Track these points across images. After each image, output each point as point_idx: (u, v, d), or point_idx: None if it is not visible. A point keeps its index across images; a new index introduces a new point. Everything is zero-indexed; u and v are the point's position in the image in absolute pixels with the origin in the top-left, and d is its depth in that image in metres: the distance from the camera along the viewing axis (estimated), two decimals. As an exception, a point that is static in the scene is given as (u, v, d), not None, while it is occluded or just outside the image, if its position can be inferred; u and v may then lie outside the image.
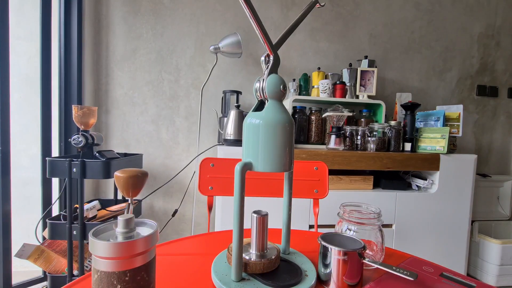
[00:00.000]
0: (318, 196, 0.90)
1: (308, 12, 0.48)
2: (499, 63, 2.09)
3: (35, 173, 1.51)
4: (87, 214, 1.23)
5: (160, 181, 1.74)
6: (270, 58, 0.42)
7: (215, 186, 0.87)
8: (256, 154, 0.41)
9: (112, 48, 1.67)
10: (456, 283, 0.44)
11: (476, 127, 2.10)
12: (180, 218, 1.78)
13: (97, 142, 1.30)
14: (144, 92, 1.71)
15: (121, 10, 1.66)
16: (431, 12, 1.97)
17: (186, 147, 1.77)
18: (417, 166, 1.47)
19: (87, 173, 1.15)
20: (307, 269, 0.45)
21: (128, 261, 0.30)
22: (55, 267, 1.27)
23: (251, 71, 1.80)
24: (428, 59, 2.00)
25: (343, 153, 1.41)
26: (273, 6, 1.81)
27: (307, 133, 1.64)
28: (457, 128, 1.61)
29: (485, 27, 2.05)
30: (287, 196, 0.50)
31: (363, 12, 1.89)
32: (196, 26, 1.74)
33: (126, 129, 1.71)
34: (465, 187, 1.52)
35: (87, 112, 1.22)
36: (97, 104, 1.67)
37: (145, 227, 0.35)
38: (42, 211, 1.42)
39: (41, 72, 1.40)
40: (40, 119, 1.42)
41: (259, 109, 0.44)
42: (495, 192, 2.02)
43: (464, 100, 2.06)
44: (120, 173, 0.46)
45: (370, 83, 1.62)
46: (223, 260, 0.48)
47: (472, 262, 1.77)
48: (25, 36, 1.55)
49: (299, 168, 0.91)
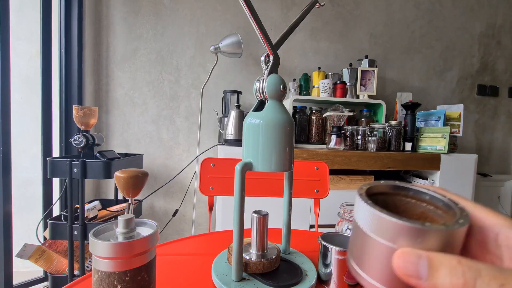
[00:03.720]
0: (318, 196, 0.90)
1: (308, 11, 0.48)
2: (499, 63, 2.09)
3: (35, 174, 1.52)
4: (88, 214, 1.23)
5: (160, 181, 1.74)
6: (270, 58, 0.42)
7: (215, 186, 0.87)
8: (256, 154, 0.41)
9: (112, 48, 1.67)
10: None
11: (477, 127, 2.09)
12: (180, 218, 1.78)
13: (97, 142, 1.31)
14: (145, 92, 1.72)
15: (121, 11, 1.66)
16: (431, 11, 1.97)
17: (187, 147, 1.77)
18: (417, 166, 1.47)
19: (88, 173, 1.16)
20: (307, 269, 0.45)
21: (128, 261, 0.30)
22: (56, 267, 1.28)
23: (251, 71, 1.80)
24: (428, 58, 1.99)
25: (343, 153, 1.41)
26: (273, 6, 1.80)
27: (307, 133, 1.64)
28: (458, 127, 1.60)
29: (485, 27, 2.04)
30: (287, 196, 0.50)
31: (363, 12, 1.89)
32: (196, 26, 1.74)
33: (127, 129, 1.71)
34: (465, 186, 1.52)
35: (87, 112, 1.23)
36: (97, 105, 1.67)
37: (145, 227, 0.35)
38: (43, 212, 1.42)
39: (42, 73, 1.40)
40: (40, 120, 1.42)
41: (259, 109, 0.44)
42: (496, 192, 2.01)
43: (465, 99, 2.06)
44: (120, 173, 0.46)
45: (370, 82, 1.62)
46: (224, 260, 0.48)
47: (473, 261, 1.76)
48: (26, 37, 1.55)
49: (300, 168, 0.91)
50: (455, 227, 0.15)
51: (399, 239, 0.16)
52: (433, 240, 0.15)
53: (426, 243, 0.15)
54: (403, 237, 0.16)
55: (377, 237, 0.17)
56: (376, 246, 0.17)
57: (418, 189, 0.20)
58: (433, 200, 0.19)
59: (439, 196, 0.19)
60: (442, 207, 0.19)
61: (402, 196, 0.20)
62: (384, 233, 0.16)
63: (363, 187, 0.19)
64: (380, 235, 0.17)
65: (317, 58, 1.87)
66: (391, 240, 0.16)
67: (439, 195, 0.19)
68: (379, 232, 0.17)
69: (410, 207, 0.20)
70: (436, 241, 0.15)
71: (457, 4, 1.99)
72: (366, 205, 0.17)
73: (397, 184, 0.20)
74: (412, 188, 0.20)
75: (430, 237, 0.15)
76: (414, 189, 0.20)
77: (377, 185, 0.20)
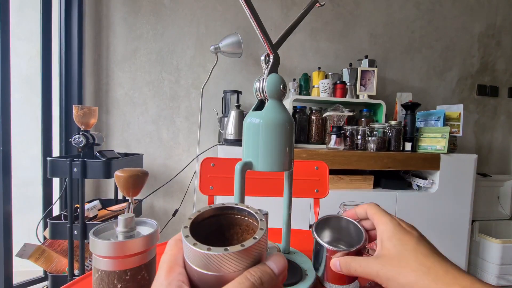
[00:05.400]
0: (318, 196, 0.90)
1: (308, 11, 0.48)
2: (499, 63, 2.09)
3: (35, 173, 1.51)
4: (88, 214, 1.23)
5: (160, 181, 1.74)
6: (270, 57, 0.42)
7: (215, 186, 0.87)
8: (256, 153, 0.41)
9: (112, 48, 1.67)
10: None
11: (477, 127, 2.09)
12: (180, 218, 1.78)
13: (97, 142, 1.31)
14: (145, 92, 1.72)
15: (121, 11, 1.67)
16: (431, 11, 1.97)
17: (187, 147, 1.77)
18: (417, 166, 1.47)
19: (88, 173, 1.16)
20: (307, 268, 0.45)
21: (128, 260, 0.30)
22: (56, 267, 1.28)
23: (251, 71, 1.80)
24: (428, 58, 2.00)
25: (343, 152, 1.41)
26: (273, 6, 1.81)
27: (307, 133, 1.64)
28: (458, 127, 1.60)
29: (485, 27, 2.04)
30: (287, 196, 0.50)
31: (363, 12, 1.89)
32: (196, 26, 1.74)
33: (127, 129, 1.71)
34: (465, 186, 1.52)
35: (87, 112, 1.23)
36: (97, 104, 1.67)
37: (145, 227, 0.35)
38: (43, 211, 1.42)
39: (42, 73, 1.40)
40: (40, 119, 1.42)
41: (259, 109, 0.44)
42: (496, 192, 2.01)
43: (465, 99, 2.06)
44: (120, 172, 0.46)
45: (370, 82, 1.62)
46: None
47: (472, 261, 1.77)
48: (26, 37, 1.55)
49: (300, 168, 0.91)
50: (250, 244, 0.18)
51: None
52: (240, 259, 0.18)
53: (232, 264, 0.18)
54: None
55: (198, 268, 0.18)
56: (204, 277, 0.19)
57: (239, 207, 0.23)
58: (249, 215, 0.23)
59: (251, 210, 0.22)
60: (255, 220, 0.22)
61: (230, 214, 0.23)
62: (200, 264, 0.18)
63: (191, 216, 0.22)
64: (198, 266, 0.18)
65: (317, 58, 1.87)
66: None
67: (251, 210, 0.22)
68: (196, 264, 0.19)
69: (239, 222, 0.23)
70: (244, 259, 0.18)
71: (457, 4, 1.99)
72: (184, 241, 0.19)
73: (225, 205, 0.23)
74: (235, 207, 0.23)
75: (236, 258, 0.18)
76: (237, 207, 0.23)
77: (206, 210, 0.23)
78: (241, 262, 0.18)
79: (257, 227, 0.21)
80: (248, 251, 0.18)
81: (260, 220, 0.21)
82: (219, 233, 0.23)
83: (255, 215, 0.22)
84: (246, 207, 0.23)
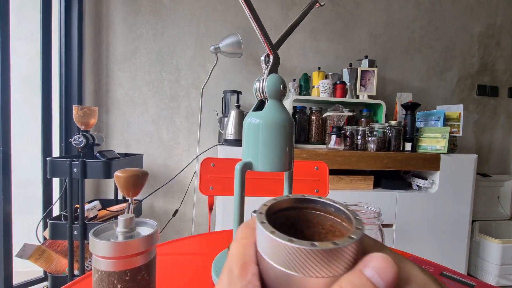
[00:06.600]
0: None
1: (308, 11, 0.48)
2: (499, 63, 2.09)
3: (35, 173, 1.51)
4: (88, 214, 1.23)
5: (160, 181, 1.74)
6: (270, 57, 0.42)
7: (215, 186, 0.87)
8: (256, 153, 0.41)
9: (112, 48, 1.67)
10: (457, 283, 0.44)
11: (477, 127, 2.09)
12: (180, 218, 1.78)
13: (97, 142, 1.31)
14: (145, 92, 1.72)
15: (121, 10, 1.66)
16: (431, 11, 1.97)
17: (187, 147, 1.77)
18: (417, 166, 1.47)
19: (88, 173, 1.16)
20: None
21: (128, 260, 0.30)
22: (56, 267, 1.28)
23: (251, 71, 1.80)
24: (428, 58, 2.00)
25: (343, 153, 1.41)
26: (273, 6, 1.81)
27: (307, 133, 1.64)
28: (458, 127, 1.60)
29: (485, 27, 2.04)
30: (287, 196, 0.50)
31: (363, 12, 1.89)
32: (196, 26, 1.74)
33: (127, 129, 1.71)
34: (465, 186, 1.52)
35: (87, 112, 1.23)
36: (97, 104, 1.67)
37: (145, 227, 0.35)
38: (42, 211, 1.42)
39: (42, 73, 1.40)
40: (40, 120, 1.42)
41: (259, 109, 0.44)
42: (496, 192, 2.01)
43: (465, 99, 2.06)
44: (120, 172, 0.46)
45: (370, 83, 1.62)
46: (224, 259, 0.48)
47: (472, 261, 1.77)
48: (26, 37, 1.55)
49: (300, 168, 0.91)
50: (345, 244, 0.14)
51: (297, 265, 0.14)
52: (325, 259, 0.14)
53: (331, 263, 0.14)
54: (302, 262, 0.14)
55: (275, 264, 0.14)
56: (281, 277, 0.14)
57: (324, 201, 0.19)
58: (337, 211, 0.18)
59: (341, 207, 0.18)
60: (345, 219, 0.18)
61: (311, 209, 0.19)
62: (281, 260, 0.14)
63: (267, 203, 0.18)
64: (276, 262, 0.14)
65: (317, 58, 1.87)
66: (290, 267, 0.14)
67: (341, 206, 0.18)
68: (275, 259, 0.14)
69: (321, 220, 0.19)
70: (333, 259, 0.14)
71: (457, 4, 1.99)
72: (260, 227, 0.15)
73: (305, 197, 0.19)
74: (319, 200, 0.19)
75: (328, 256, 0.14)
76: (321, 201, 0.19)
77: (283, 200, 0.18)
78: (330, 266, 0.14)
79: (348, 228, 0.17)
80: (341, 253, 0.14)
81: (355, 218, 0.17)
82: (294, 231, 0.18)
83: (346, 213, 0.18)
84: (333, 202, 0.18)
